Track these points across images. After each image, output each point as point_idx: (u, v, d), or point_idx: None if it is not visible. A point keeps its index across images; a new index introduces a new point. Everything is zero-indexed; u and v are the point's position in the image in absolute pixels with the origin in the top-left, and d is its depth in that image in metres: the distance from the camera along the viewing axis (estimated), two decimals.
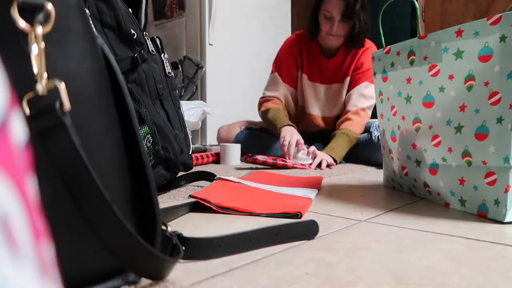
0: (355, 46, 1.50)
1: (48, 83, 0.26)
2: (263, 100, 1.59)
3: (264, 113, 1.54)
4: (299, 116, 1.67)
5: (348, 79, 1.56)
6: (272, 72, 1.63)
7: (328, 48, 1.56)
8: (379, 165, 1.34)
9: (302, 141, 1.34)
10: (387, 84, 0.77)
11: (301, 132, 1.59)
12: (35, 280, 0.10)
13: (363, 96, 1.50)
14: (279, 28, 2.59)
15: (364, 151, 1.44)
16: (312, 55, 1.59)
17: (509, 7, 0.68)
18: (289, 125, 1.42)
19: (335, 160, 1.35)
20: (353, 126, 1.44)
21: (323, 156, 1.32)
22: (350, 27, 1.45)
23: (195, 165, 1.34)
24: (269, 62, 2.53)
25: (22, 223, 0.11)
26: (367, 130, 1.47)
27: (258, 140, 1.59)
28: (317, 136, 1.66)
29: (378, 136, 1.41)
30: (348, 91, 1.56)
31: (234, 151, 1.40)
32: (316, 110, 1.63)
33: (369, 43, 1.55)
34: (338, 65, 1.56)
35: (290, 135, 1.35)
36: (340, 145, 1.40)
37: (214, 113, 2.00)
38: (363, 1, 1.41)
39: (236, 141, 1.63)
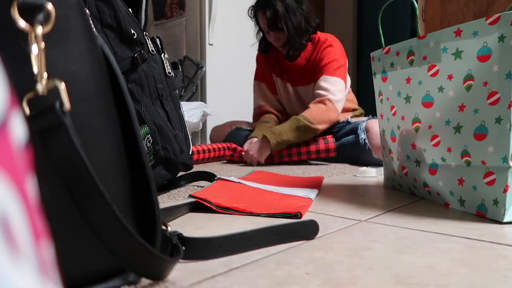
0: (296, 48, 1.51)
1: (48, 83, 0.26)
2: (257, 112, 1.66)
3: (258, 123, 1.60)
4: (286, 119, 1.70)
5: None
6: (256, 79, 1.70)
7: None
8: (371, 166, 1.34)
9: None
10: (387, 84, 0.77)
11: None
12: (35, 280, 0.10)
13: (322, 89, 1.47)
14: None
15: (351, 153, 1.43)
16: (280, 60, 1.64)
17: (508, 7, 0.68)
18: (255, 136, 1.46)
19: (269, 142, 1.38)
20: (309, 113, 1.41)
21: (249, 146, 1.40)
22: (285, 34, 1.47)
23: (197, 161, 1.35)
24: None
25: (22, 223, 0.11)
26: (354, 131, 1.45)
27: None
28: None
29: (365, 139, 1.39)
30: None
31: None
32: (292, 111, 1.67)
33: (329, 38, 1.54)
34: (301, 68, 1.59)
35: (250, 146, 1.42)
36: (283, 127, 1.40)
37: (214, 113, 2.00)
38: (286, 6, 1.42)
39: (225, 140, 1.66)
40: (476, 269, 0.35)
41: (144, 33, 0.78)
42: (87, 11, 0.68)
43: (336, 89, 1.46)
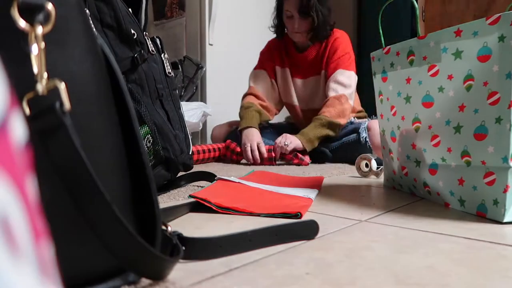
0: (318, 38, 1.57)
1: (48, 83, 0.26)
2: (244, 94, 1.68)
3: (240, 108, 1.62)
4: (290, 111, 1.76)
5: (323, 72, 1.60)
6: (255, 69, 1.72)
7: (299, 44, 1.63)
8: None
9: (261, 142, 1.43)
10: (387, 84, 0.77)
11: (295, 127, 1.67)
12: (35, 280, 0.10)
13: (339, 83, 1.51)
14: None
15: (351, 152, 1.43)
16: (289, 51, 1.67)
17: (508, 7, 0.68)
18: (250, 127, 1.49)
19: (304, 145, 1.41)
20: (328, 112, 1.46)
21: (290, 138, 1.39)
22: (311, 21, 1.51)
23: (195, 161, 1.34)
24: None
25: (22, 223, 0.11)
26: (355, 131, 1.47)
27: None
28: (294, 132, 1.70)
29: (366, 138, 1.41)
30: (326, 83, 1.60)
31: None
32: (299, 103, 1.70)
33: (338, 32, 1.60)
34: (312, 59, 1.62)
35: (249, 140, 1.43)
36: (310, 129, 1.45)
37: (214, 113, 2.00)
38: None
39: (225, 140, 1.67)
40: (476, 269, 0.35)
41: (144, 33, 0.78)
42: (87, 11, 0.68)
43: (352, 83, 1.53)
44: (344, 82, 1.51)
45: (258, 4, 2.43)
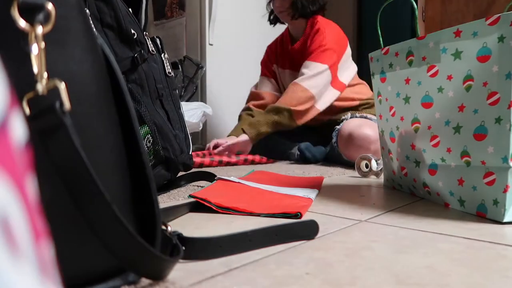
0: (300, 14, 1.51)
1: (48, 83, 0.26)
2: (249, 95, 1.72)
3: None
4: None
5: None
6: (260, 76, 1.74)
7: (294, 34, 1.60)
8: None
9: (222, 142, 1.41)
10: (386, 85, 0.77)
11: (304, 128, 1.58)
12: (35, 280, 0.10)
13: (300, 74, 1.46)
14: (279, 28, 2.59)
15: (330, 158, 1.42)
16: (284, 45, 1.64)
17: (507, 6, 0.68)
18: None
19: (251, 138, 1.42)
20: (279, 100, 1.44)
21: (225, 139, 1.41)
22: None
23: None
24: None
25: (22, 223, 0.11)
26: None
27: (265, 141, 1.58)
28: (307, 133, 1.62)
29: (335, 142, 1.34)
30: None
31: None
32: None
33: (322, 23, 1.51)
34: (300, 51, 1.57)
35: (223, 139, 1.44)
36: (256, 115, 1.47)
37: (214, 113, 2.00)
38: None
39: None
40: (476, 269, 0.35)
41: (144, 33, 0.78)
42: (87, 11, 0.68)
43: (312, 73, 1.44)
44: (303, 72, 1.45)
45: (258, 4, 2.43)
